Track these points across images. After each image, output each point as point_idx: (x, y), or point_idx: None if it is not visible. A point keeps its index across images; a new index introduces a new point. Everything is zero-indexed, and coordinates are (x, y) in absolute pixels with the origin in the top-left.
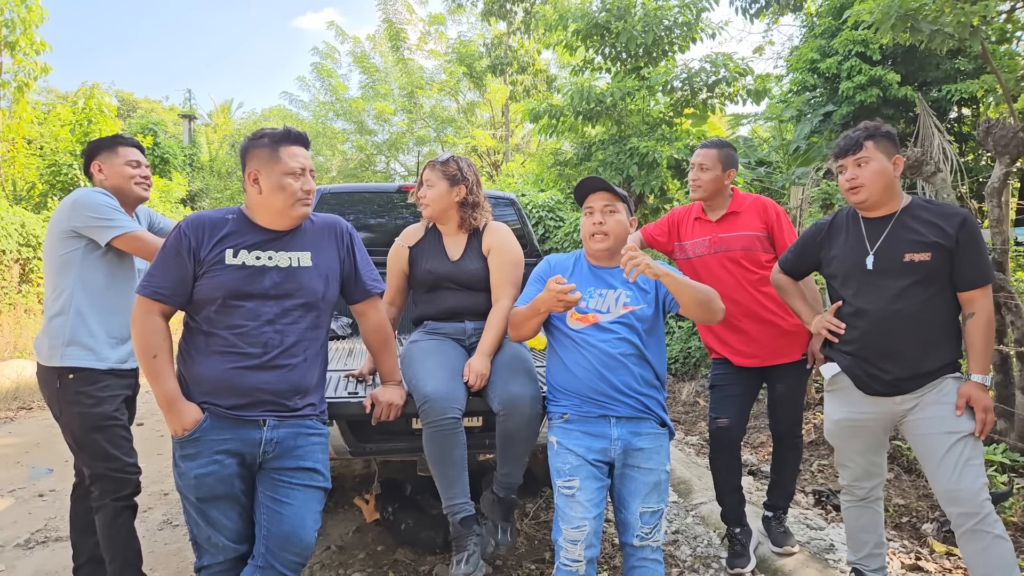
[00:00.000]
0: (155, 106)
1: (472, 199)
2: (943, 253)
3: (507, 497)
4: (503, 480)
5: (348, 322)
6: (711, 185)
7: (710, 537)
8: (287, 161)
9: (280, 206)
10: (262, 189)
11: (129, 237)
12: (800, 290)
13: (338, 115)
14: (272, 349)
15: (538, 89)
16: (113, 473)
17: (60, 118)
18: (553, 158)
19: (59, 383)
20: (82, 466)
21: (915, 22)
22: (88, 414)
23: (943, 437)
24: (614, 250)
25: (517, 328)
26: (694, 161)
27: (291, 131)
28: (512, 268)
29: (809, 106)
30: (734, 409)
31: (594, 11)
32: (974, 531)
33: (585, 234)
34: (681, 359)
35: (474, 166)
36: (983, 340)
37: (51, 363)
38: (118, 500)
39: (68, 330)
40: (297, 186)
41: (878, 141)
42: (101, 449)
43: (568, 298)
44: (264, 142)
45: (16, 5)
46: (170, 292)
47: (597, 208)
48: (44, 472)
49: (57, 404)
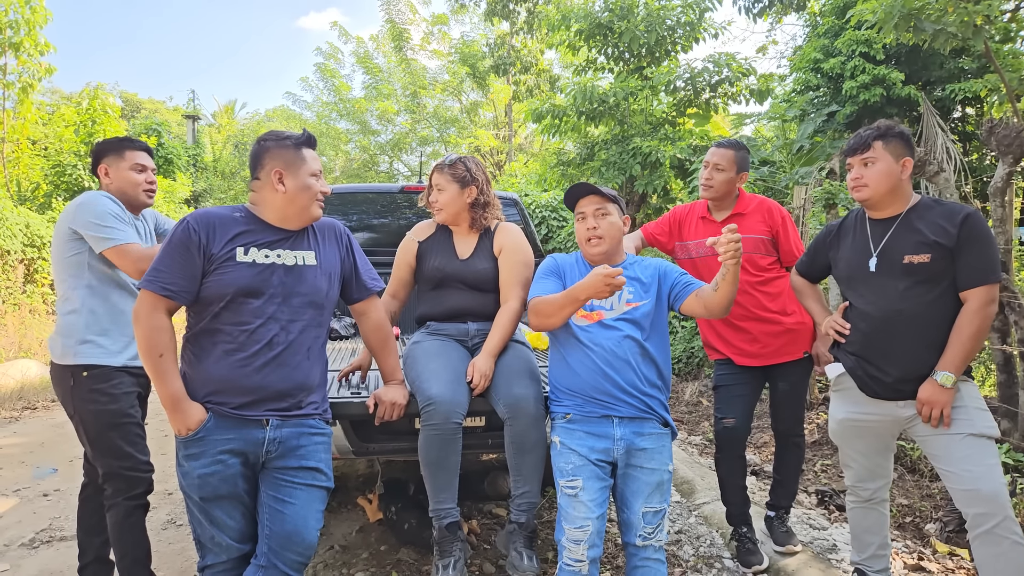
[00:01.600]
0: (159, 106)
1: (484, 199)
2: (944, 253)
3: (528, 522)
4: (522, 503)
5: (350, 322)
6: (724, 187)
7: (713, 537)
8: (311, 163)
9: (304, 204)
10: (287, 188)
11: (118, 251)
12: (816, 292)
13: (341, 115)
14: (277, 347)
15: (541, 89)
16: (127, 472)
17: (64, 119)
18: (556, 158)
19: (73, 381)
20: (95, 464)
21: (918, 21)
22: (103, 411)
23: (959, 437)
24: (611, 252)
25: (547, 317)
26: (708, 160)
27: (311, 136)
28: (523, 269)
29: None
30: (739, 409)
31: (597, 11)
32: (991, 533)
33: (581, 239)
34: (684, 359)
35: (482, 165)
36: (964, 337)
37: (64, 361)
38: (131, 499)
39: (81, 328)
40: (318, 187)
41: (888, 142)
42: (115, 447)
43: (616, 281)
44: (288, 143)
45: (20, 6)
46: (179, 289)
47: (589, 212)
48: (49, 472)
49: (71, 402)
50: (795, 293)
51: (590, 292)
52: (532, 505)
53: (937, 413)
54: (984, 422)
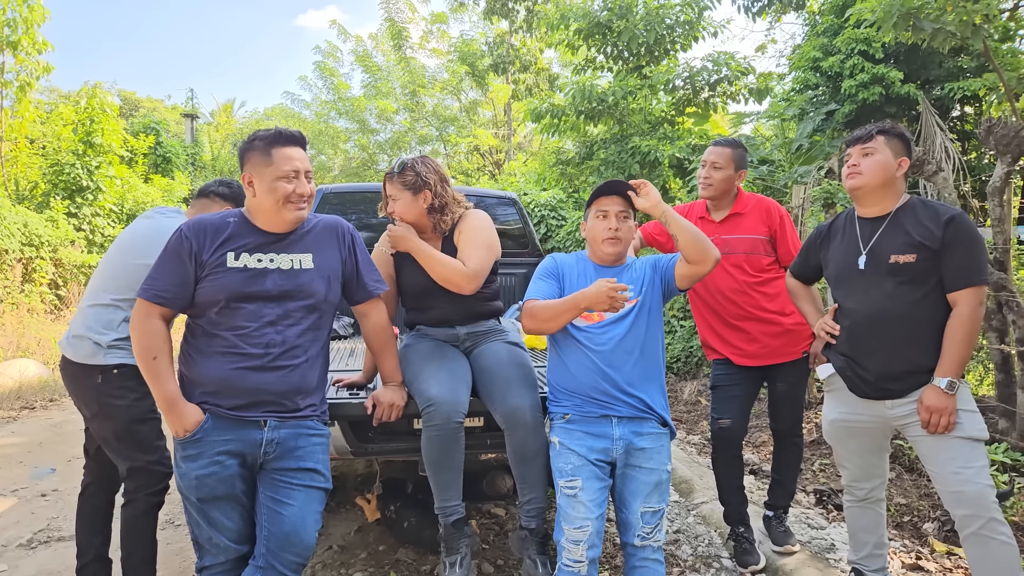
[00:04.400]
0: (157, 105)
1: (439, 202)
2: (929, 254)
3: (539, 527)
4: (529, 509)
5: (350, 322)
6: (722, 185)
7: (711, 537)
8: (279, 164)
9: (271, 208)
10: (256, 192)
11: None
12: (810, 293)
13: (340, 114)
14: (273, 350)
15: (540, 88)
16: (153, 466)
17: (62, 117)
18: (555, 157)
19: (101, 378)
20: (119, 460)
21: (917, 20)
22: (133, 407)
23: (947, 439)
24: (622, 254)
25: (543, 322)
26: (706, 159)
27: (282, 132)
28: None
29: (811, 104)
30: (736, 409)
31: (596, 10)
32: (979, 534)
33: (596, 237)
34: (683, 358)
35: (433, 164)
36: (957, 341)
37: (93, 361)
38: (152, 494)
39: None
40: (290, 189)
41: (890, 138)
42: (144, 441)
43: (619, 297)
44: (256, 145)
45: (18, 4)
46: (171, 295)
47: (612, 213)
48: (47, 472)
49: (96, 400)
50: (789, 295)
51: (591, 302)
52: (540, 510)
53: (945, 420)
54: (974, 425)
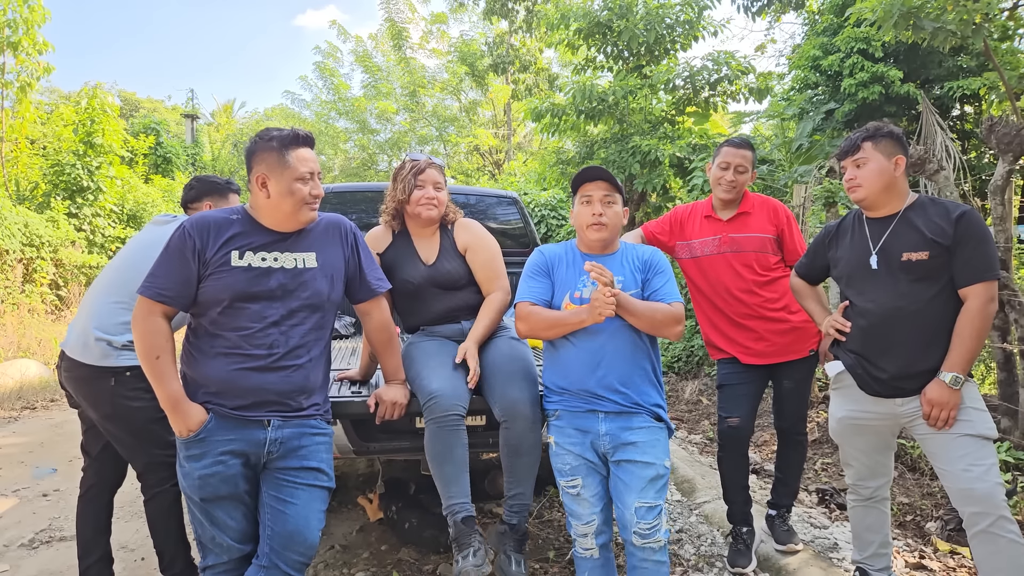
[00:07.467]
0: (158, 105)
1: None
2: (941, 251)
3: (520, 524)
4: (514, 504)
5: (351, 321)
6: (744, 187)
7: (714, 536)
8: (297, 166)
9: (289, 211)
10: (271, 194)
11: None
12: (815, 293)
13: (340, 114)
14: (277, 350)
15: (540, 88)
16: (172, 458)
17: (63, 118)
18: (555, 157)
19: (115, 380)
20: (136, 459)
21: (917, 19)
22: (148, 406)
23: (956, 437)
24: (610, 240)
25: (541, 331)
26: (730, 161)
27: (300, 133)
28: (495, 262)
29: (811, 104)
30: (744, 408)
31: (596, 10)
32: (987, 532)
33: (582, 223)
34: (684, 357)
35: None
36: (965, 336)
37: (106, 363)
38: (176, 484)
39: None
40: (306, 191)
41: (877, 142)
42: (161, 437)
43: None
44: (273, 144)
45: (18, 5)
46: (174, 294)
47: (596, 198)
48: (48, 472)
49: (110, 403)
50: (794, 294)
51: (595, 318)
52: (524, 507)
53: (945, 415)
54: (983, 423)
